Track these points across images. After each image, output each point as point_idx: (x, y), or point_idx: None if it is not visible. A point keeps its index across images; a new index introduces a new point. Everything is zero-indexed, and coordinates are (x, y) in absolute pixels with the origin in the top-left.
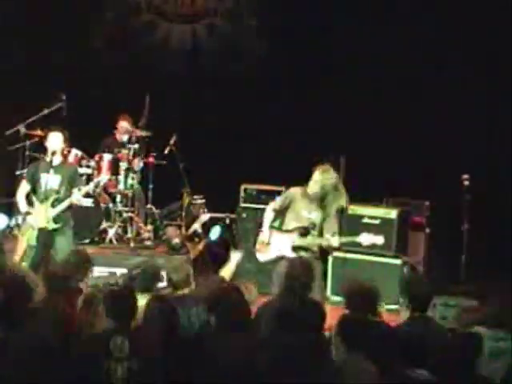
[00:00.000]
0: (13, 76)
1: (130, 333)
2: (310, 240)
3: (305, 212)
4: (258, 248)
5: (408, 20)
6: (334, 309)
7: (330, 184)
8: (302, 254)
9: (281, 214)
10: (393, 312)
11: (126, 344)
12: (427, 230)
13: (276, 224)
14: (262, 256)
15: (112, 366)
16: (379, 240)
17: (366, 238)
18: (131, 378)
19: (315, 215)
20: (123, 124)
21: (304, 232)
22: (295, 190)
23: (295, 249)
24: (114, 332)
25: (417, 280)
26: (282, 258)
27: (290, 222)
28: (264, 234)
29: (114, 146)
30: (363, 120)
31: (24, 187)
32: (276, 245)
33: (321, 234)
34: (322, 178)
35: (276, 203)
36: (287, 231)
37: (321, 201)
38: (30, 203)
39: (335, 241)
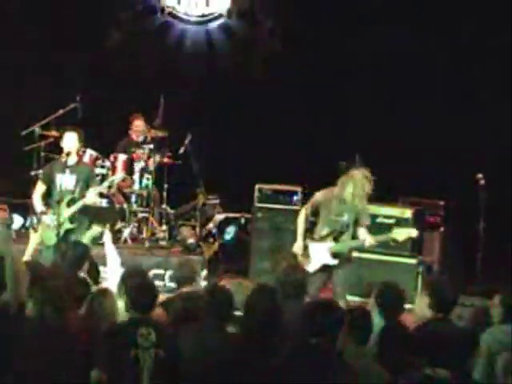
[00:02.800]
0: (28, 76)
1: (155, 323)
2: (345, 245)
3: (335, 216)
4: (301, 261)
5: (427, 22)
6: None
7: (367, 186)
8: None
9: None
10: (408, 312)
11: (152, 334)
12: (442, 230)
13: (310, 232)
14: (309, 267)
15: (139, 355)
16: (413, 232)
17: (399, 233)
18: (158, 365)
19: (347, 217)
20: (138, 123)
21: (337, 236)
22: (323, 194)
23: (335, 255)
24: (139, 323)
25: (443, 282)
26: (326, 266)
27: (323, 228)
28: (297, 245)
29: (129, 146)
30: (378, 119)
31: (40, 188)
32: (315, 255)
33: (354, 235)
34: (362, 180)
35: (306, 208)
36: (321, 238)
37: (353, 201)
38: (46, 204)
39: (369, 241)
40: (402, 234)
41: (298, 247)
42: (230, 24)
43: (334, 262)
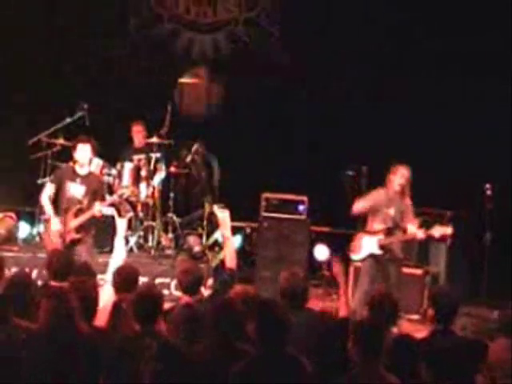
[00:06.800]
0: (35, 85)
1: (157, 335)
2: (395, 237)
3: (385, 208)
4: (352, 249)
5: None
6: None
7: (407, 180)
8: (387, 252)
9: (370, 215)
10: (414, 322)
11: (153, 345)
12: (449, 240)
13: (366, 227)
14: (355, 256)
15: (141, 367)
16: (449, 230)
17: (437, 230)
18: (157, 378)
19: (393, 210)
20: (136, 129)
21: (388, 232)
22: (378, 191)
23: (382, 247)
24: (142, 334)
25: (443, 292)
26: (370, 255)
27: (377, 224)
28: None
29: (133, 153)
30: (385, 130)
31: (48, 189)
32: (366, 245)
33: (404, 231)
34: (402, 175)
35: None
36: (375, 232)
37: (400, 196)
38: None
39: (420, 233)
40: (439, 230)
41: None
42: (237, 33)
43: (379, 251)
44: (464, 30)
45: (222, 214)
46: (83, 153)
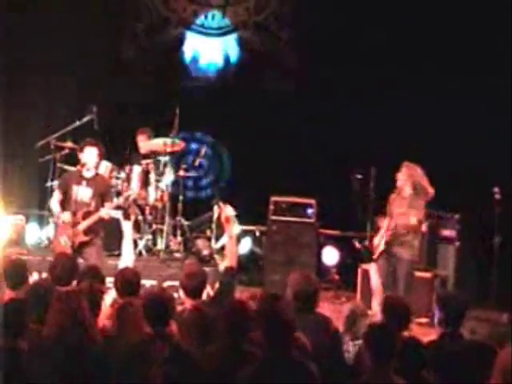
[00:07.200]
0: (44, 87)
1: (168, 338)
2: (394, 229)
3: (396, 209)
4: (373, 251)
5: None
6: None
7: (410, 177)
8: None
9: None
10: (423, 326)
11: (165, 348)
12: (457, 243)
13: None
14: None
15: (152, 371)
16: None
17: None
18: (169, 380)
19: (403, 210)
20: (140, 138)
21: (394, 227)
22: (391, 196)
23: (387, 242)
24: (153, 337)
25: (451, 296)
26: (381, 253)
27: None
28: (376, 239)
29: (142, 157)
30: (393, 131)
31: (57, 195)
32: (380, 245)
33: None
34: (409, 173)
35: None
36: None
37: (414, 194)
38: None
39: (413, 220)
40: None
41: (376, 241)
42: (245, 36)
43: (383, 247)
44: (464, 29)
45: (228, 210)
46: (90, 156)
